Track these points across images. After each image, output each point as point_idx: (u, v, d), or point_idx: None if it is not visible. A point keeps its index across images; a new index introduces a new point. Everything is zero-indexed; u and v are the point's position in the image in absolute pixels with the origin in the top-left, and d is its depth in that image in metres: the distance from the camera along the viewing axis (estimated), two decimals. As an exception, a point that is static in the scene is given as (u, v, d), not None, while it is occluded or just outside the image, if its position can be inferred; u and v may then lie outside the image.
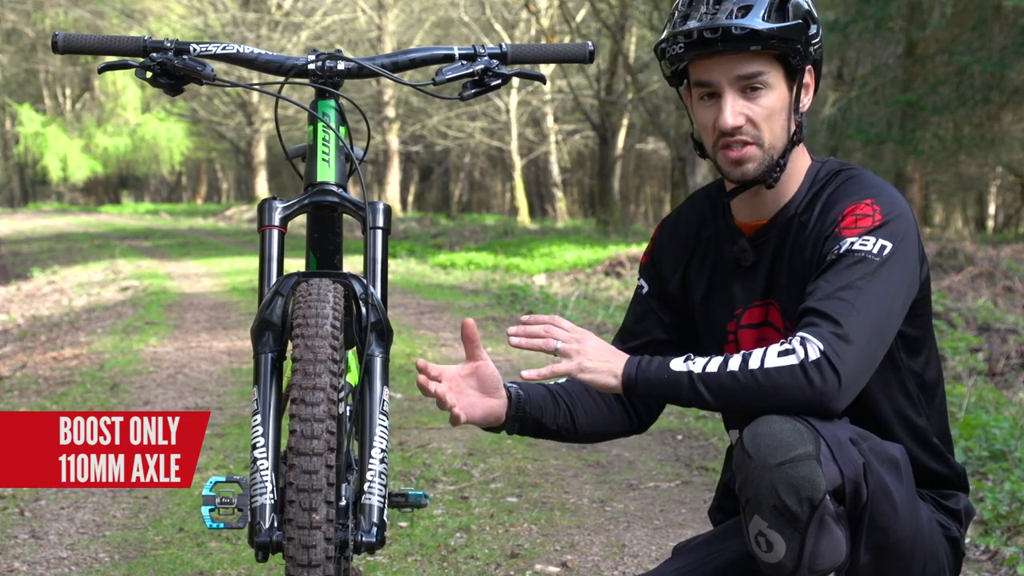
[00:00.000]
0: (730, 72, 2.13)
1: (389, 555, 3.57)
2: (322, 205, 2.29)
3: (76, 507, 4.17)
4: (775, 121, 2.15)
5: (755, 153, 2.16)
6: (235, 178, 49.55)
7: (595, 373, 2.09)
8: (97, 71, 2.49)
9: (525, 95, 26.60)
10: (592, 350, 2.10)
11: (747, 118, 2.14)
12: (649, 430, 2.59)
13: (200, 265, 15.74)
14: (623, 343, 2.37)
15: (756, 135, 2.15)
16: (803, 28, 2.13)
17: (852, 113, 16.26)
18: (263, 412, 2.06)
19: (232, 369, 7.05)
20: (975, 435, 4.60)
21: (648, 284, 2.39)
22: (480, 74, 2.34)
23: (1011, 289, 9.90)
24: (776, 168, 2.18)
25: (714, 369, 2.04)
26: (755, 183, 2.19)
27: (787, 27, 2.11)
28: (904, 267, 2.09)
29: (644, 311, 2.39)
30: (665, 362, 2.08)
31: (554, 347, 2.09)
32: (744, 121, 2.14)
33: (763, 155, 2.16)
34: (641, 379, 2.08)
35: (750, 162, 2.16)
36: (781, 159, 2.18)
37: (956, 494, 2.29)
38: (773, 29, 2.10)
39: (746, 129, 2.15)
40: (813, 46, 2.16)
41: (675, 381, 2.06)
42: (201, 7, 30.01)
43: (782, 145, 2.17)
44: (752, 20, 2.09)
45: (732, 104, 2.14)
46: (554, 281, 12.69)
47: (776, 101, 2.15)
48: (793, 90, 2.17)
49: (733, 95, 2.14)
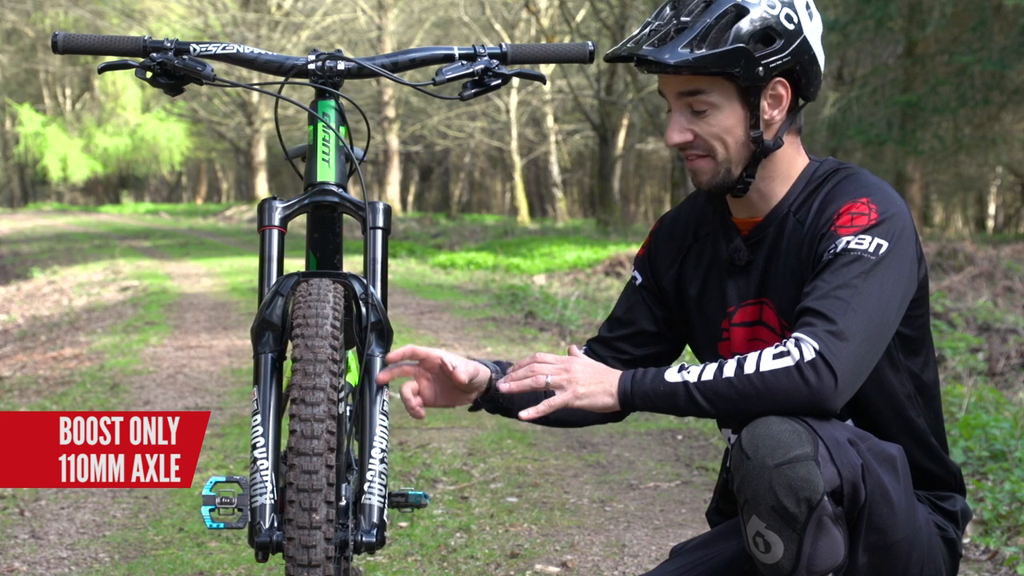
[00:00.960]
0: (674, 88, 2.15)
1: (389, 555, 3.57)
2: (322, 205, 2.29)
3: (76, 507, 4.17)
4: (727, 138, 2.15)
5: (707, 166, 2.17)
6: (235, 178, 49.55)
7: (591, 397, 2.08)
8: (97, 71, 2.49)
9: (525, 95, 26.60)
10: (582, 375, 2.09)
11: (694, 134, 2.16)
12: (649, 430, 2.59)
13: (200, 265, 15.74)
14: (610, 331, 2.38)
15: (707, 148, 2.16)
16: (742, 51, 2.09)
17: (852, 113, 16.26)
18: (263, 412, 2.06)
19: (232, 369, 7.05)
20: (975, 435, 4.59)
21: (642, 276, 2.40)
22: (480, 74, 2.34)
23: (1011, 289, 9.90)
24: (738, 181, 2.18)
25: (709, 377, 2.03)
26: (716, 192, 2.20)
27: (715, 55, 2.08)
28: (900, 266, 2.09)
29: (635, 302, 2.39)
30: (659, 374, 2.07)
31: (544, 383, 2.08)
32: (691, 137, 2.16)
33: (716, 167, 2.17)
34: (637, 394, 2.07)
35: (702, 174, 2.18)
36: (744, 171, 2.17)
37: (953, 495, 2.29)
38: (689, 60, 2.07)
39: (697, 143, 2.16)
40: (768, 63, 2.11)
41: (671, 393, 2.05)
42: (201, 7, 30.01)
43: (741, 159, 2.17)
44: (668, 50, 2.08)
45: (677, 121, 2.16)
46: (554, 281, 12.69)
47: (725, 119, 2.14)
48: (749, 107, 2.14)
49: (679, 111, 2.16)
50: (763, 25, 2.11)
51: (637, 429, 5.33)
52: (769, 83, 2.14)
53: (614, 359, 2.35)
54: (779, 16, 2.12)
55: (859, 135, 15.88)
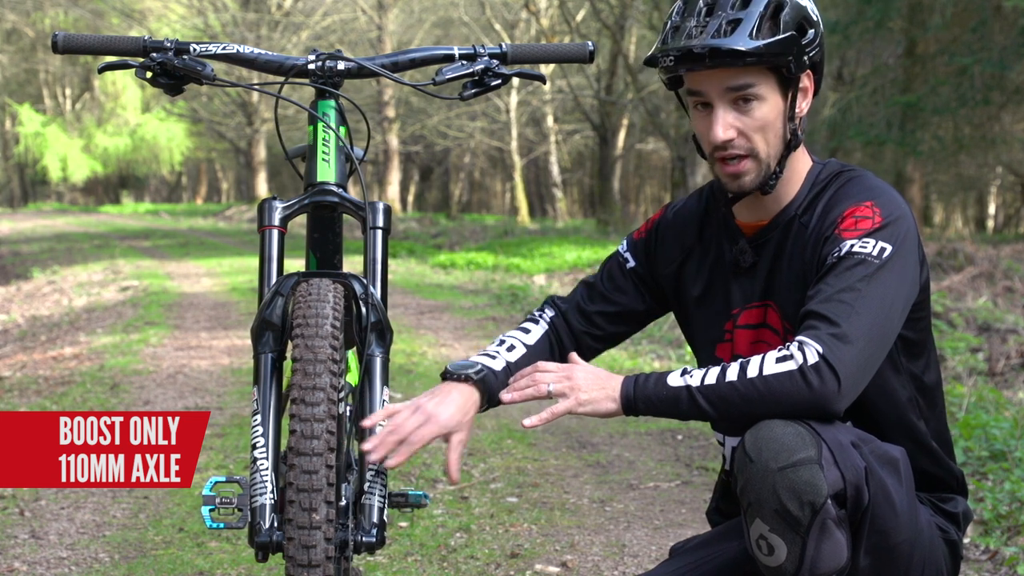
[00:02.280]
0: (720, 84, 2.12)
1: (389, 555, 3.57)
2: (322, 205, 2.29)
3: (76, 507, 4.17)
4: (769, 131, 2.14)
5: (750, 166, 2.16)
6: (235, 178, 49.54)
7: (594, 404, 2.08)
8: (97, 71, 2.49)
9: (525, 95, 26.59)
10: (583, 381, 2.09)
11: (738, 130, 2.13)
12: (649, 430, 2.59)
13: (200, 265, 15.74)
14: (591, 302, 2.35)
15: (749, 147, 2.14)
16: (795, 39, 2.11)
17: (852, 114, 16.25)
18: (263, 412, 2.06)
19: (232, 369, 7.05)
20: (975, 435, 4.59)
21: (635, 261, 2.38)
22: (480, 74, 2.34)
23: (1011, 289, 9.90)
24: (772, 176, 2.17)
25: (712, 380, 2.03)
26: (753, 192, 2.19)
27: (777, 42, 2.09)
28: (904, 269, 2.09)
29: (624, 284, 2.38)
30: (661, 379, 2.07)
31: (546, 391, 2.08)
32: (735, 134, 2.14)
33: (758, 167, 2.16)
34: (640, 398, 2.07)
35: (746, 175, 2.16)
36: (778, 167, 2.17)
37: (955, 497, 2.29)
38: (760, 47, 2.08)
39: (738, 142, 2.14)
40: (809, 53, 2.14)
41: (674, 397, 2.05)
42: (201, 7, 30.01)
43: (777, 153, 2.16)
44: (739, 39, 2.08)
45: (723, 117, 2.13)
46: (554, 281, 12.68)
47: (769, 112, 2.14)
48: (787, 98, 2.15)
49: (724, 107, 2.13)
50: (800, 16, 2.13)
51: (637, 429, 5.33)
52: (802, 74, 2.16)
53: (585, 333, 2.35)
54: (807, 7, 2.15)
55: (859, 135, 15.87)
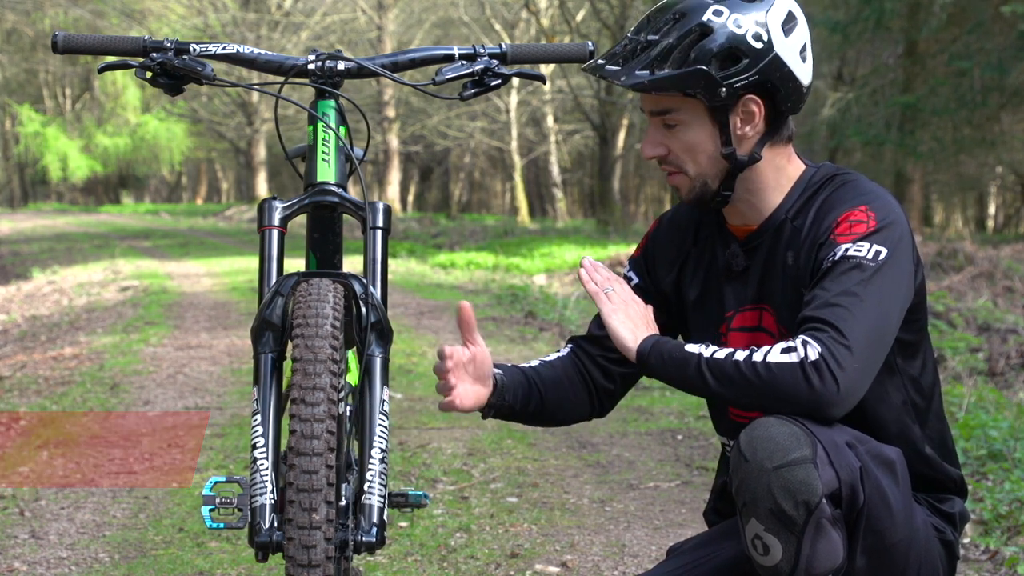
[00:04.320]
0: (646, 106, 2.20)
1: (389, 555, 3.57)
2: (322, 205, 2.29)
3: (76, 507, 4.17)
4: (698, 153, 2.18)
5: (682, 180, 2.22)
6: (235, 178, 49.55)
7: (621, 327, 2.18)
8: (97, 71, 2.48)
9: (525, 95, 26.60)
10: (632, 311, 2.21)
11: (668, 149, 2.20)
12: (649, 430, 2.59)
13: (200, 265, 15.74)
14: (600, 328, 2.35)
15: (679, 164, 2.20)
16: (701, 73, 2.09)
17: (851, 114, 16.26)
18: (263, 412, 2.05)
19: (232, 369, 7.05)
20: (975, 435, 4.60)
21: (638, 277, 2.40)
22: (480, 74, 2.34)
23: (1011, 289, 9.90)
24: (716, 194, 2.21)
25: (721, 356, 2.06)
26: (699, 204, 2.23)
27: (675, 76, 2.10)
28: (900, 272, 2.09)
29: None
30: (680, 343, 2.13)
31: (607, 289, 2.23)
32: (665, 151, 2.20)
33: (691, 182, 2.21)
34: (655, 352, 2.12)
35: (680, 188, 2.23)
36: (721, 185, 2.20)
37: (952, 498, 2.28)
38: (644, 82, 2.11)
39: (670, 158, 2.21)
40: (732, 83, 2.11)
41: (684, 361, 2.08)
42: (201, 7, 30.01)
43: (716, 173, 2.19)
44: (627, 72, 2.12)
45: (651, 135, 2.21)
46: (554, 281, 12.69)
47: (695, 136, 2.17)
48: (719, 124, 2.15)
49: (654, 126, 2.20)
50: (728, 45, 2.10)
51: (637, 429, 5.33)
52: (738, 101, 2.14)
53: (603, 357, 2.34)
54: (746, 36, 2.10)
55: (858, 136, 15.88)
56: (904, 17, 15.89)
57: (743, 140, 2.17)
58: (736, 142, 2.16)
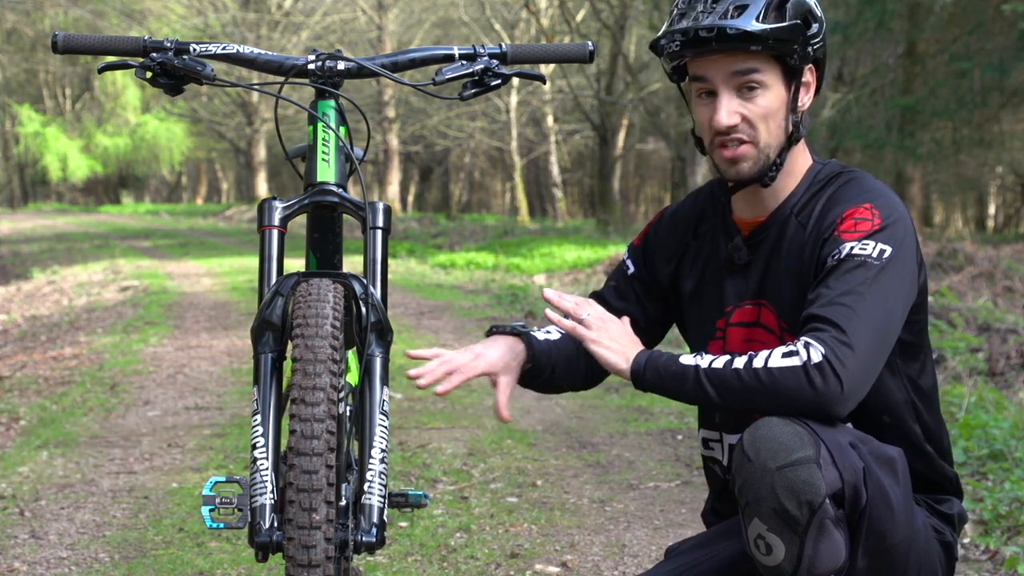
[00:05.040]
0: (726, 69, 2.14)
1: (389, 555, 3.57)
2: (322, 205, 2.29)
3: (76, 507, 4.17)
4: (771, 120, 2.16)
5: (750, 152, 2.17)
6: (235, 178, 49.54)
7: (610, 354, 2.14)
8: (97, 71, 2.48)
9: (525, 95, 26.59)
10: (614, 332, 2.17)
11: (742, 117, 2.15)
12: (649, 430, 2.59)
13: (200, 265, 15.74)
14: None
15: (752, 134, 2.16)
16: (801, 28, 2.13)
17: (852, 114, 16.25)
18: (263, 412, 2.05)
19: (232, 369, 7.05)
20: (975, 435, 4.59)
21: (635, 266, 2.40)
22: (480, 74, 2.34)
23: (1011, 289, 9.90)
24: (772, 167, 2.18)
25: (720, 366, 2.05)
26: (751, 182, 2.19)
27: (783, 27, 2.11)
28: (904, 271, 2.09)
29: (626, 290, 2.40)
30: (675, 356, 2.10)
31: (581, 316, 2.17)
32: (739, 120, 2.15)
33: (758, 154, 2.17)
34: (650, 369, 2.10)
35: (744, 161, 2.17)
36: (778, 158, 2.18)
37: (950, 499, 2.29)
38: (767, 30, 2.10)
39: (741, 128, 2.15)
40: (812, 45, 2.15)
41: (681, 375, 2.07)
42: (201, 7, 30.00)
43: (778, 144, 2.18)
44: (746, 21, 2.10)
45: (727, 103, 2.15)
46: (554, 281, 12.69)
47: (772, 100, 2.15)
48: (791, 89, 2.17)
49: (729, 93, 2.15)
50: (804, 8, 2.15)
51: (637, 429, 5.33)
52: (806, 67, 2.17)
53: None
54: (811, 2, 2.17)
55: (858, 138, 15.87)
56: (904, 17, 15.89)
57: (800, 112, 2.19)
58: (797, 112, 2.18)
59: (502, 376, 2.23)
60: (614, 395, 6.08)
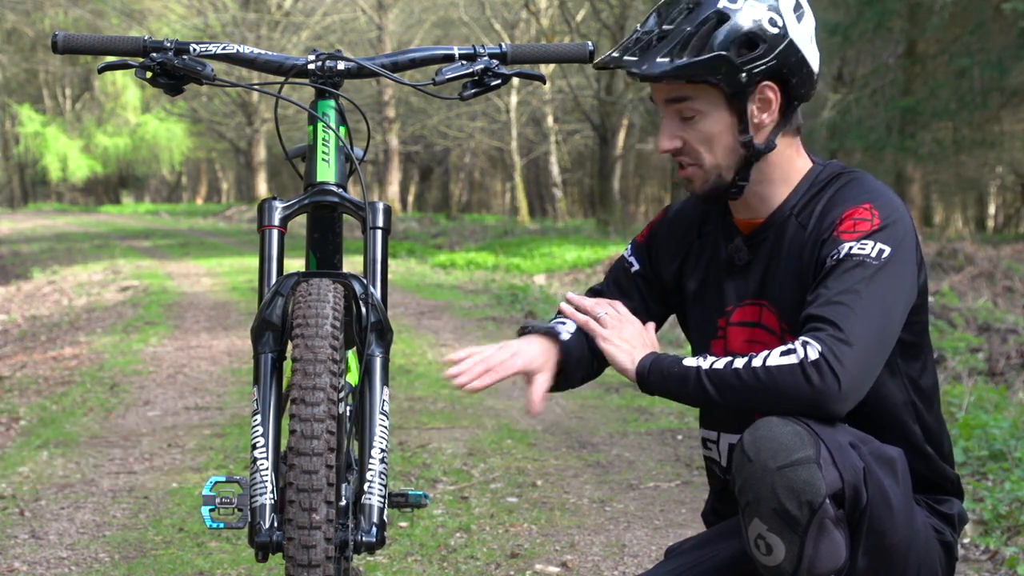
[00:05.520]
0: (661, 95, 2.19)
1: (389, 555, 3.57)
2: (322, 205, 2.29)
3: (76, 507, 4.17)
4: (715, 144, 2.17)
5: (696, 173, 2.20)
6: (235, 178, 49.55)
7: (617, 351, 2.18)
8: (97, 71, 2.49)
9: (525, 95, 26.58)
10: (627, 333, 2.20)
11: (684, 140, 2.18)
12: (649, 430, 2.59)
13: (200, 265, 15.74)
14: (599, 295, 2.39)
15: (695, 156, 2.19)
16: (722, 59, 2.10)
17: (852, 115, 16.25)
18: (263, 412, 2.06)
19: (232, 369, 7.05)
20: (975, 435, 4.59)
21: (639, 264, 2.41)
22: (480, 74, 2.34)
23: (1011, 289, 9.90)
24: (730, 186, 2.20)
25: (720, 366, 2.06)
26: (712, 198, 2.22)
27: (696, 63, 2.10)
28: (903, 271, 2.09)
29: (628, 287, 2.40)
30: (679, 358, 2.12)
31: (599, 313, 2.22)
32: (680, 143, 2.19)
33: (705, 175, 2.19)
34: (654, 370, 2.12)
35: (694, 181, 2.21)
36: (736, 176, 2.19)
37: (950, 499, 2.29)
38: (672, 68, 2.10)
39: (685, 150, 2.19)
40: (753, 68, 2.11)
41: (683, 376, 2.09)
42: (201, 7, 30.00)
43: (731, 163, 2.18)
44: (649, 61, 2.11)
45: (667, 127, 2.20)
46: (554, 281, 12.69)
47: (713, 125, 2.16)
48: (736, 112, 2.15)
49: (669, 118, 2.19)
50: (746, 30, 2.11)
51: (637, 429, 5.33)
52: (756, 88, 2.14)
53: None
54: (761, 21, 2.12)
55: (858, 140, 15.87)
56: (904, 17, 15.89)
57: (760, 128, 2.17)
58: (753, 130, 2.17)
59: (539, 374, 2.24)
60: (614, 395, 6.08)
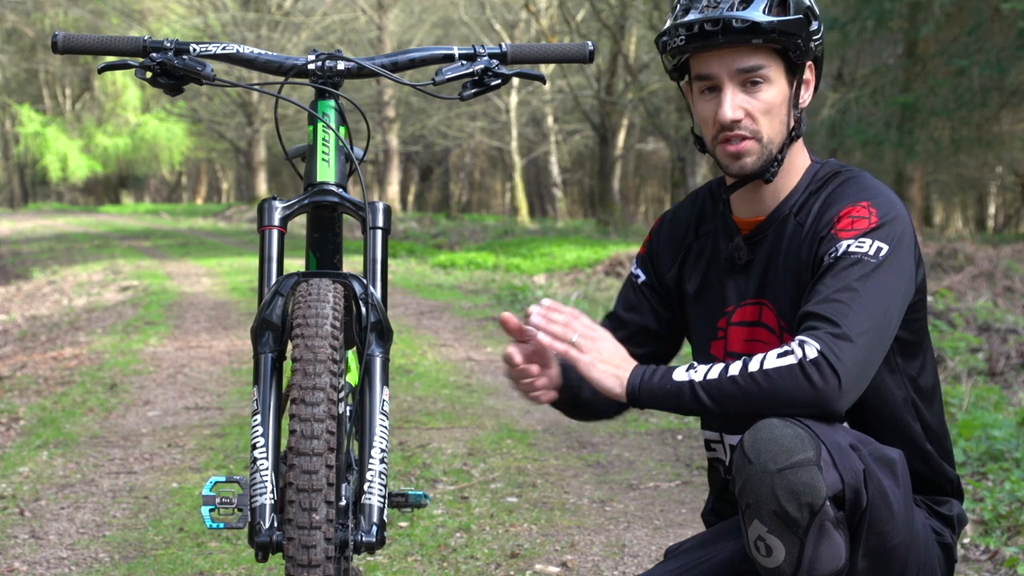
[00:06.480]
0: (730, 65, 2.15)
1: (389, 555, 3.57)
2: (322, 205, 2.29)
3: (76, 507, 4.17)
4: (774, 116, 2.17)
5: (753, 147, 2.17)
6: (235, 178, 49.56)
7: (602, 377, 2.10)
8: (97, 71, 2.49)
9: (525, 95, 26.59)
10: (606, 352, 2.12)
11: (746, 112, 2.16)
12: (649, 430, 2.59)
13: (200, 265, 15.74)
14: (612, 330, 2.33)
15: (754, 129, 2.16)
16: (804, 23, 2.14)
17: (851, 114, 16.24)
18: (263, 412, 2.05)
19: (232, 369, 7.05)
20: (975, 435, 4.59)
21: (644, 275, 2.41)
22: (480, 74, 2.34)
23: (1011, 289, 9.89)
24: (774, 163, 2.19)
25: (715, 375, 2.04)
26: (753, 177, 2.20)
27: (788, 21, 2.12)
28: (901, 269, 2.09)
29: (637, 300, 2.40)
30: (668, 372, 2.08)
31: (571, 339, 2.12)
32: (743, 115, 2.15)
33: (761, 149, 2.17)
34: (644, 389, 2.08)
35: (748, 156, 2.17)
36: (779, 154, 2.19)
37: (950, 500, 2.29)
38: (774, 23, 2.11)
39: (744, 123, 2.16)
40: (814, 42, 2.17)
41: (677, 391, 2.06)
42: (201, 7, 30.01)
43: (780, 140, 2.18)
44: (752, 12, 2.11)
45: (732, 97, 2.15)
46: (554, 281, 12.68)
47: (776, 96, 2.16)
48: (793, 85, 2.18)
49: (733, 88, 2.15)
50: (805, 4, 2.16)
51: (637, 429, 5.33)
52: (806, 63, 2.19)
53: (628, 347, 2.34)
54: (812, 3, 2.18)
55: (857, 135, 15.86)
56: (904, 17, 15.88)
57: (801, 109, 2.21)
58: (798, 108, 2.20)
59: None
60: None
